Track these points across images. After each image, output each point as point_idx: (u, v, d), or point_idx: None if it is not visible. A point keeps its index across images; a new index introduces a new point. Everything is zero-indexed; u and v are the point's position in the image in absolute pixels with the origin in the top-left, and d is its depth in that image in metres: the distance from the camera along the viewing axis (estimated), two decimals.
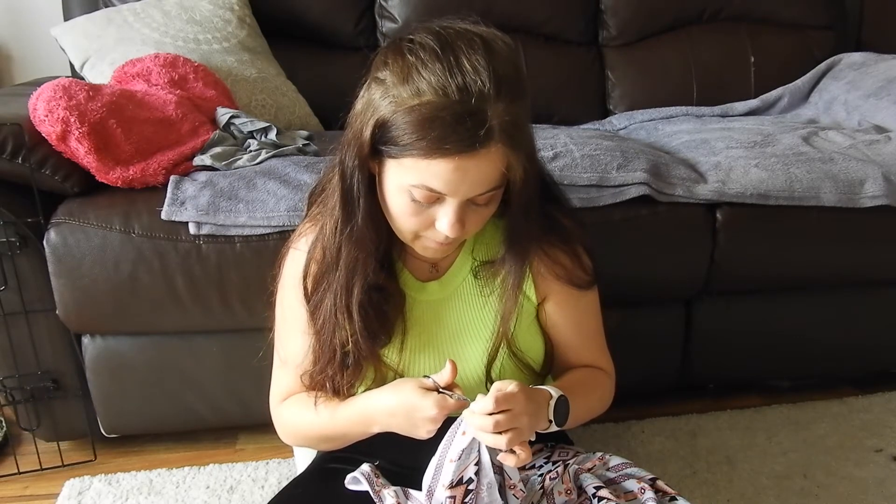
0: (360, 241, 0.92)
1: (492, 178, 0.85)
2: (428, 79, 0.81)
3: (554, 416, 0.91)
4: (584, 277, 1.03)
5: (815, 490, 1.44)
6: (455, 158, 0.81)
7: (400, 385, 0.92)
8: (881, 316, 1.70)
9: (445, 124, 0.80)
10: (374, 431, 0.97)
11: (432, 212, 0.88)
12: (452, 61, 0.81)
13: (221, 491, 1.45)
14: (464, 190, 0.85)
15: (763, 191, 1.48)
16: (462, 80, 0.80)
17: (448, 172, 0.82)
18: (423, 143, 0.81)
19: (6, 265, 1.35)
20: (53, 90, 1.34)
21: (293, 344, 1.02)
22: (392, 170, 0.87)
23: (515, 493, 0.93)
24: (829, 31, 2.25)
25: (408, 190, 0.86)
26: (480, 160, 0.83)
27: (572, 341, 1.07)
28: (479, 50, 0.82)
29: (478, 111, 0.80)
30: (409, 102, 0.81)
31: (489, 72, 0.81)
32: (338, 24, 2.06)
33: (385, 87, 0.84)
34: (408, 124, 0.81)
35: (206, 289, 1.35)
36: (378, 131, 0.85)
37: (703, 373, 1.71)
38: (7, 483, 1.50)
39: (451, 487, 0.87)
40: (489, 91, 0.81)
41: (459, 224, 0.87)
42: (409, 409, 0.90)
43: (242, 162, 1.46)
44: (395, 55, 0.85)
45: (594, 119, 2.14)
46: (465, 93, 0.80)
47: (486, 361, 1.00)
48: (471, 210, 0.89)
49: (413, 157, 0.83)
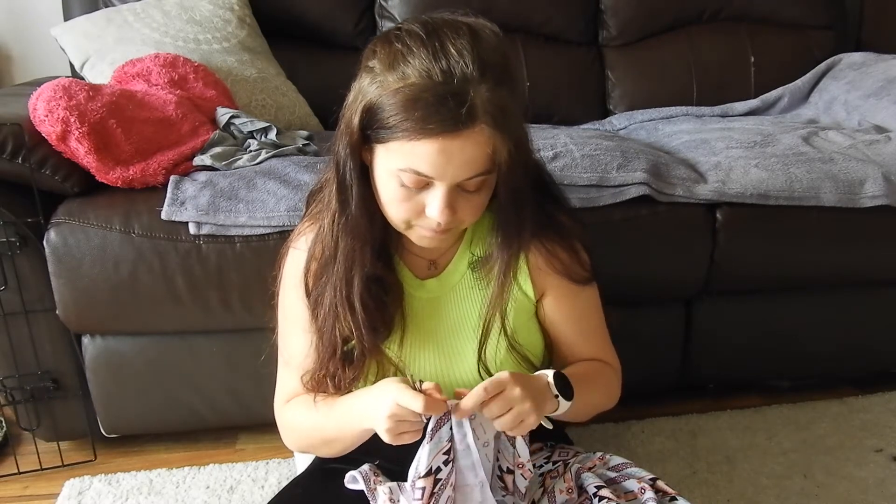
0: (355, 230, 0.93)
1: (478, 162, 0.86)
2: (413, 63, 0.83)
3: (558, 390, 0.92)
4: (582, 273, 1.04)
5: (815, 490, 1.44)
6: (439, 139, 0.82)
7: (383, 381, 0.91)
8: (881, 316, 1.70)
9: (429, 104, 0.81)
10: (366, 427, 0.94)
11: (422, 198, 0.89)
12: (438, 46, 0.83)
13: (221, 491, 1.45)
14: (451, 173, 0.85)
15: (763, 191, 1.48)
16: (446, 63, 0.82)
17: (433, 154, 0.83)
18: (408, 123, 0.82)
19: (6, 265, 1.35)
20: (53, 90, 1.34)
21: (295, 343, 1.02)
22: (381, 156, 0.88)
23: (524, 473, 0.93)
24: (829, 31, 2.25)
25: (396, 175, 0.87)
26: (465, 141, 0.83)
27: (573, 337, 1.07)
28: (465, 36, 0.84)
29: (460, 91, 0.82)
30: (394, 85, 0.83)
31: (473, 55, 0.83)
32: (338, 24, 2.06)
33: (373, 75, 0.86)
34: (392, 106, 0.83)
35: (206, 289, 1.35)
36: (366, 116, 0.86)
37: (703, 373, 1.70)
38: (7, 483, 1.50)
39: (421, 478, 0.87)
40: (472, 73, 0.82)
41: (449, 210, 0.88)
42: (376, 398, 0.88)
43: (242, 162, 1.46)
44: (383, 44, 0.87)
45: (594, 119, 2.14)
46: (448, 74, 0.82)
47: (478, 347, 1.00)
48: (461, 197, 0.89)
49: (399, 140, 0.84)
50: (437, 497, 0.88)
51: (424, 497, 0.88)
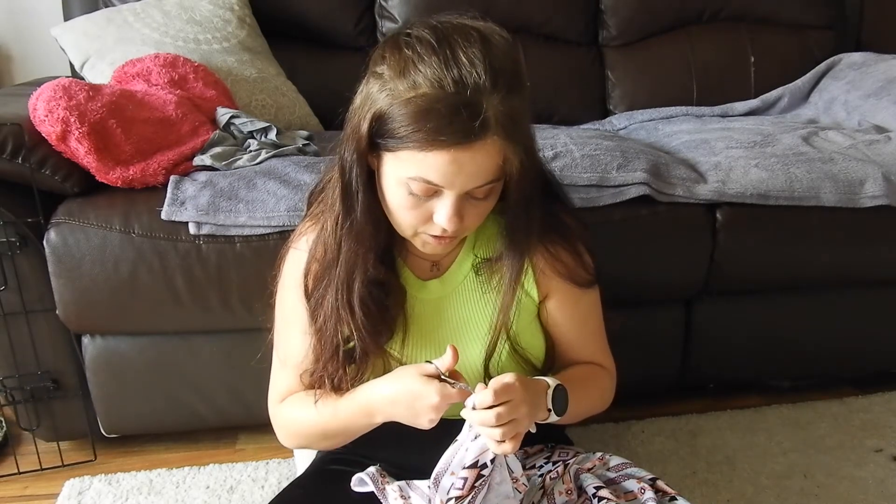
0: (359, 235, 0.93)
1: (489, 171, 0.86)
2: (424, 72, 0.81)
3: (552, 405, 0.92)
4: (586, 276, 1.04)
5: (815, 490, 1.44)
6: (451, 150, 0.82)
7: (401, 373, 0.92)
8: (881, 316, 1.70)
9: (441, 116, 0.80)
10: (377, 422, 0.96)
11: (430, 205, 0.88)
12: (449, 54, 0.82)
13: (221, 491, 1.45)
14: (461, 182, 0.85)
15: (763, 191, 1.48)
16: (458, 72, 0.81)
17: (444, 164, 0.83)
18: (420, 134, 0.82)
19: (6, 265, 1.35)
20: (53, 90, 1.34)
21: (293, 344, 1.02)
22: (389, 163, 0.87)
23: (518, 487, 0.93)
24: (829, 31, 2.25)
25: (405, 183, 0.86)
26: (476, 152, 0.83)
27: (573, 340, 1.07)
28: (476, 43, 0.83)
29: (473, 103, 0.81)
30: (405, 95, 0.82)
31: (485, 64, 0.82)
32: (338, 24, 2.06)
33: (382, 81, 0.85)
34: (404, 116, 0.82)
35: (206, 289, 1.35)
36: (375, 124, 0.85)
37: (703, 373, 1.70)
38: (7, 483, 1.50)
39: (467, 468, 0.87)
40: (485, 83, 0.81)
41: (457, 218, 0.88)
42: (411, 398, 0.89)
43: (242, 162, 1.46)
44: (392, 49, 0.86)
45: (594, 119, 2.14)
46: (460, 85, 0.81)
47: (486, 356, 1.01)
48: (469, 204, 0.89)
49: (410, 150, 0.83)
50: (478, 491, 0.88)
51: (466, 487, 0.87)
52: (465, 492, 0.87)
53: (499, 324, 1.00)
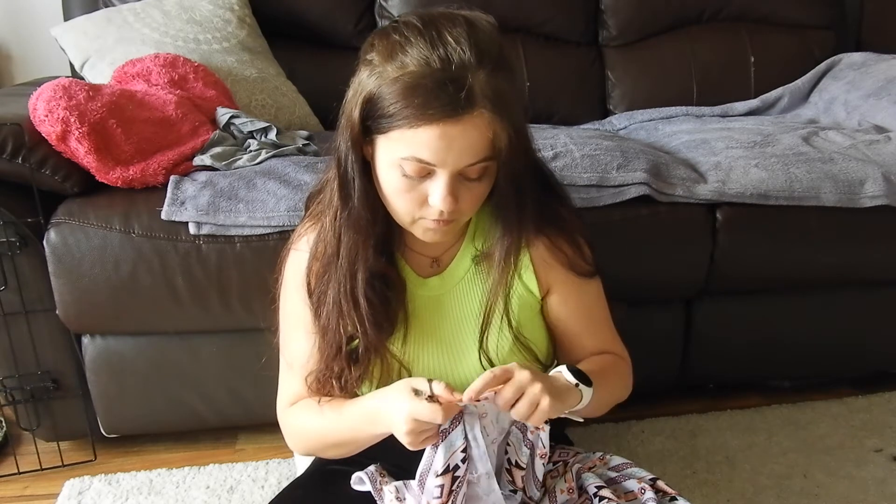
0: (357, 223, 0.94)
1: (479, 147, 0.86)
2: (411, 53, 0.84)
3: (575, 377, 0.91)
4: (586, 266, 1.04)
5: (815, 490, 1.44)
6: (439, 124, 0.83)
7: (397, 383, 0.91)
8: (881, 316, 1.70)
9: (428, 90, 0.82)
10: (380, 431, 0.94)
11: (424, 187, 0.89)
12: (435, 35, 0.84)
13: (221, 491, 1.45)
14: (452, 159, 0.86)
15: (763, 191, 1.48)
16: (444, 50, 0.83)
17: (434, 140, 0.84)
18: (408, 110, 0.83)
19: (6, 265, 1.35)
20: (53, 90, 1.34)
21: (298, 345, 1.02)
22: (382, 146, 0.89)
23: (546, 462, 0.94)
24: (829, 31, 2.25)
25: (398, 164, 0.88)
26: (465, 126, 0.84)
27: (582, 331, 1.07)
28: (462, 25, 0.85)
29: (459, 77, 0.83)
30: (393, 75, 0.84)
31: (470, 43, 0.84)
32: (338, 24, 2.06)
33: (371, 67, 0.87)
34: (392, 94, 0.84)
35: (206, 289, 1.35)
36: (366, 107, 0.87)
37: (703, 373, 1.71)
38: (7, 483, 1.50)
39: (439, 476, 0.87)
40: (470, 59, 0.83)
41: (452, 197, 0.88)
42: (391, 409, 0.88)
43: (242, 162, 1.46)
44: (380, 37, 0.88)
45: (594, 119, 2.14)
46: (446, 62, 0.83)
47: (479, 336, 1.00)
48: (464, 186, 0.90)
49: (400, 129, 0.85)
50: (456, 494, 0.88)
51: (444, 494, 0.88)
52: (444, 498, 0.88)
53: (490, 302, 1.00)
